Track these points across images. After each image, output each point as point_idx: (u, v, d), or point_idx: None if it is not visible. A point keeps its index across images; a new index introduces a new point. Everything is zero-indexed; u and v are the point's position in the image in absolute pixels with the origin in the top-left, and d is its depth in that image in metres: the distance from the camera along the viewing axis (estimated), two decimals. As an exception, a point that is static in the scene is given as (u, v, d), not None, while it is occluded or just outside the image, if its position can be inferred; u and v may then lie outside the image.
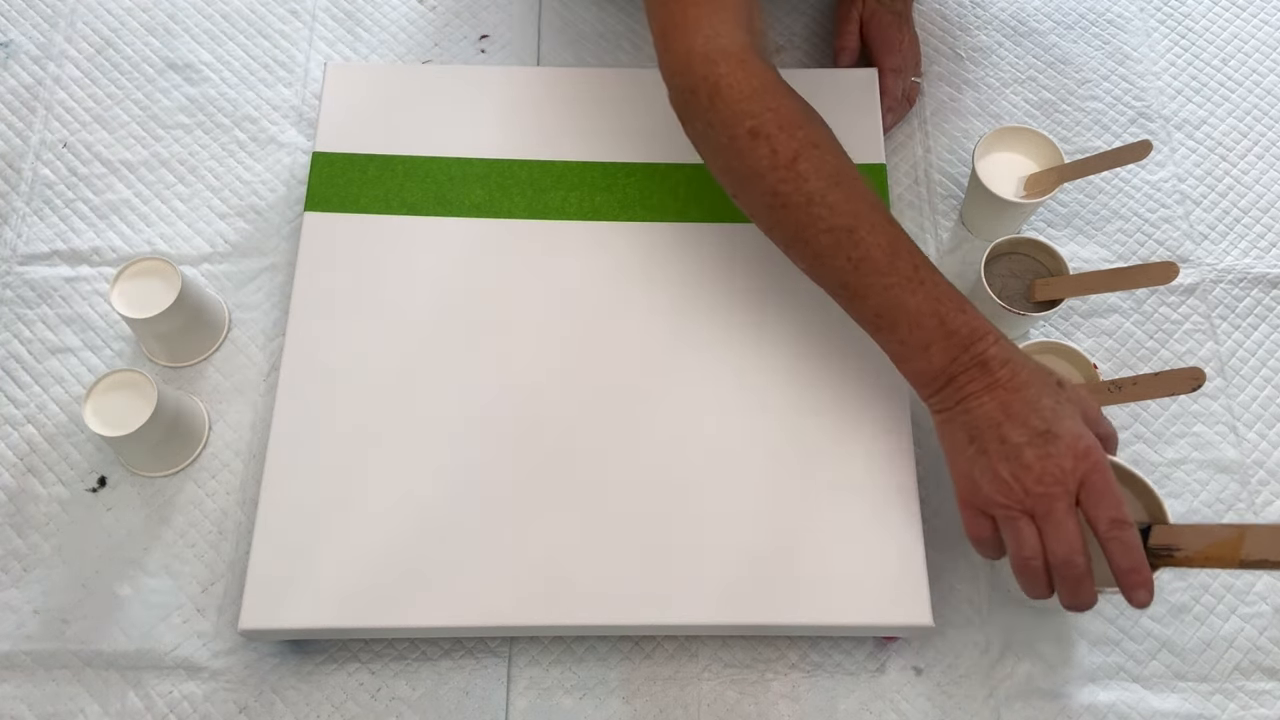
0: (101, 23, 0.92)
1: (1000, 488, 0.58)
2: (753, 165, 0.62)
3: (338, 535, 0.67)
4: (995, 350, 0.60)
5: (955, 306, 0.61)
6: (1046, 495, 0.57)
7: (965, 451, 0.60)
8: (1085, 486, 0.57)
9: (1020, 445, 0.58)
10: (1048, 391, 0.59)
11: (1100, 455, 0.58)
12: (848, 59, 0.86)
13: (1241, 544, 0.54)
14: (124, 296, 0.73)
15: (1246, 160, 0.89)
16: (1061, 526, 0.56)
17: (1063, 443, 0.57)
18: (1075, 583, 0.57)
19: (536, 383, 0.71)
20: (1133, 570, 0.56)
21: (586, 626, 0.67)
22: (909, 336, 0.61)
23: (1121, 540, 0.56)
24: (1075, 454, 0.57)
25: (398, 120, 0.80)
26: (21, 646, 0.70)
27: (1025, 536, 0.58)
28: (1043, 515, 0.57)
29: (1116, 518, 0.56)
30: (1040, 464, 0.57)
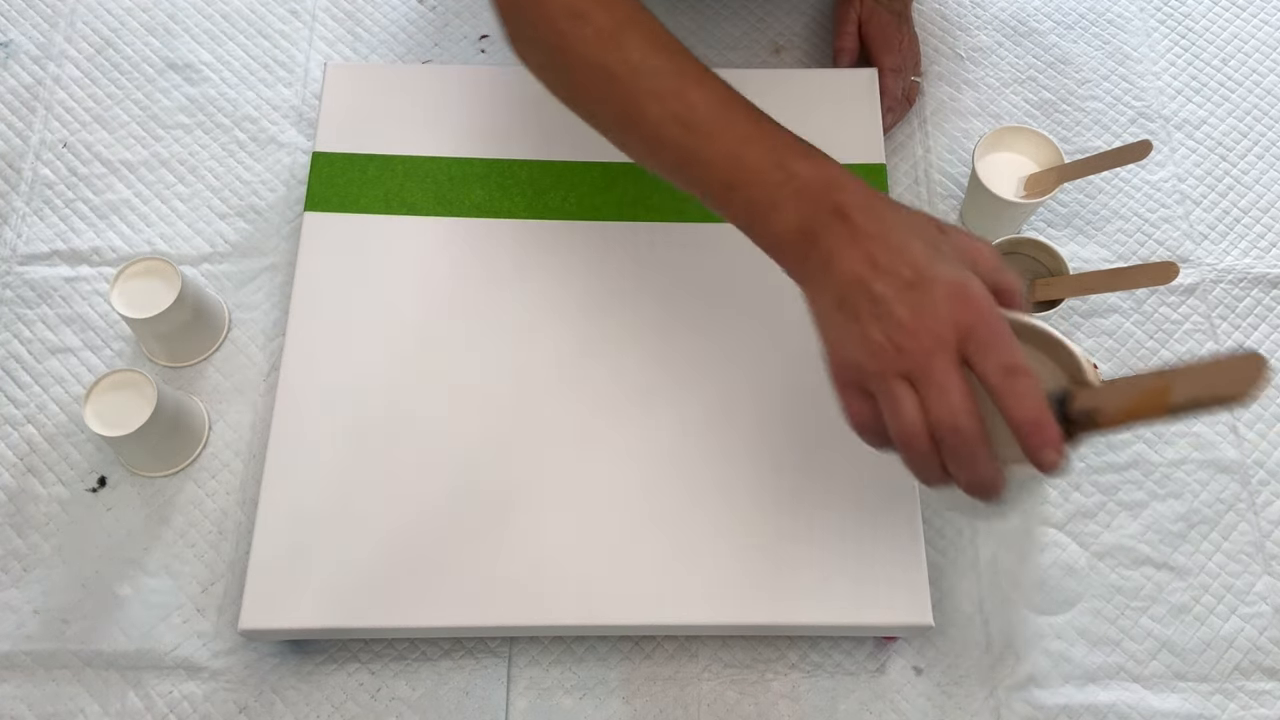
0: (101, 23, 0.92)
1: (871, 351, 0.49)
2: (577, 48, 0.58)
3: (338, 535, 0.67)
4: (854, 197, 0.52)
5: (802, 154, 0.54)
6: (922, 352, 0.48)
7: (835, 320, 0.51)
8: (969, 337, 0.48)
9: (891, 299, 0.49)
10: (921, 235, 0.51)
11: (986, 300, 0.49)
12: (847, 59, 0.86)
13: (1170, 390, 0.47)
14: (124, 296, 0.73)
15: (1246, 160, 0.89)
16: (941, 386, 0.47)
17: (938, 290, 0.48)
18: (965, 453, 0.48)
19: (536, 382, 0.71)
20: (1033, 424, 0.47)
21: (586, 626, 0.67)
22: (755, 195, 0.54)
23: (1016, 391, 0.47)
24: (953, 301, 0.48)
25: (398, 120, 0.80)
26: (21, 646, 0.70)
27: (903, 404, 0.48)
28: (920, 376, 0.48)
29: (1009, 364, 0.47)
30: (913, 318, 0.48)
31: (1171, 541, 0.75)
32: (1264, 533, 0.75)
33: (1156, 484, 0.76)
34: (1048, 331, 0.53)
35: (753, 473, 0.69)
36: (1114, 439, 0.77)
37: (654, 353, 0.72)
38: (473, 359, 0.72)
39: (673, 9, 0.93)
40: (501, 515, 0.67)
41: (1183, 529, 0.75)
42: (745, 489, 0.68)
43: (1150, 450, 0.77)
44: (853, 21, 0.86)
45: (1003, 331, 0.48)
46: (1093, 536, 0.74)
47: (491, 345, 0.72)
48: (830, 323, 0.52)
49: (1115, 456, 0.77)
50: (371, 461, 0.69)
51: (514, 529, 0.67)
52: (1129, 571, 0.74)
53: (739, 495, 0.68)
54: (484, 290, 0.74)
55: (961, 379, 0.48)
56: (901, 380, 0.49)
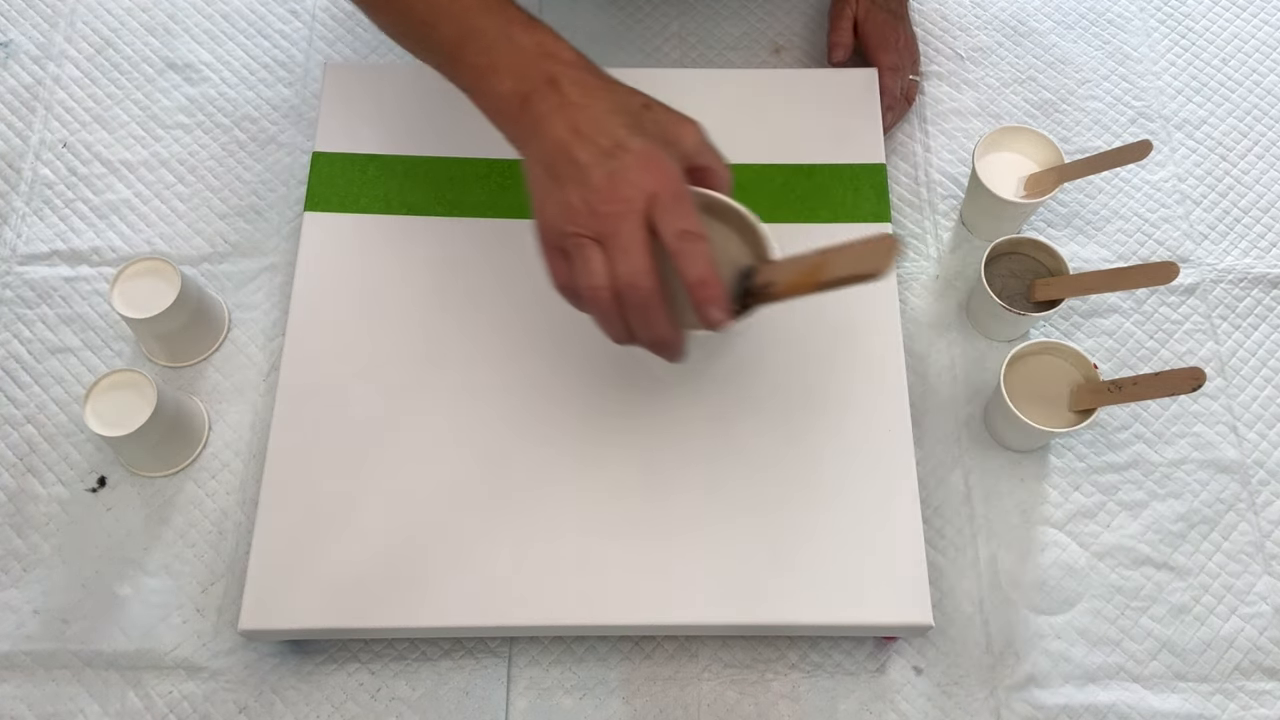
0: (101, 23, 0.92)
1: (569, 213, 0.53)
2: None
3: (338, 535, 0.67)
4: (567, 69, 0.56)
5: (525, 27, 0.57)
6: (612, 215, 0.52)
7: (542, 184, 0.55)
8: (654, 203, 0.52)
9: (588, 165, 0.53)
10: (624, 109, 0.55)
11: (673, 171, 0.53)
12: (841, 54, 0.86)
13: (824, 268, 0.53)
14: (124, 296, 0.73)
15: (1246, 160, 0.89)
16: (625, 248, 0.51)
17: (630, 158, 0.52)
18: (643, 310, 0.52)
19: (536, 382, 0.71)
20: (700, 283, 0.52)
21: (586, 626, 0.67)
22: (476, 58, 0.57)
23: (689, 252, 0.52)
24: (643, 170, 0.52)
25: (398, 120, 0.80)
26: (21, 646, 0.70)
27: (591, 263, 0.52)
28: (609, 238, 0.52)
29: (686, 229, 0.52)
30: (607, 183, 0.52)
31: (1171, 541, 0.75)
32: (1264, 533, 0.75)
33: (1156, 484, 0.76)
34: (743, 213, 0.58)
35: (753, 473, 0.69)
36: (1114, 439, 0.77)
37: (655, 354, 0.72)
38: (473, 359, 0.72)
39: (674, 9, 0.93)
40: (501, 515, 0.67)
41: (1183, 529, 0.75)
42: (745, 489, 0.68)
43: (1150, 450, 0.77)
44: (848, 17, 0.86)
45: (684, 200, 0.53)
46: (1093, 536, 0.75)
47: (491, 345, 0.72)
48: (538, 186, 0.55)
49: (1115, 456, 0.77)
50: (371, 461, 0.69)
51: (514, 529, 0.67)
52: (1129, 571, 0.74)
53: (739, 496, 0.68)
54: (484, 290, 0.74)
55: (645, 242, 0.52)
56: (592, 241, 0.53)
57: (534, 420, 0.70)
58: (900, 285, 0.81)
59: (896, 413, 0.70)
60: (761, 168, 0.78)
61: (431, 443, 0.69)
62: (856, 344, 0.72)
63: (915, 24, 0.93)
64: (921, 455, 0.76)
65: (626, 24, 0.93)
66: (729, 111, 0.80)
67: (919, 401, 0.78)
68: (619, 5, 0.94)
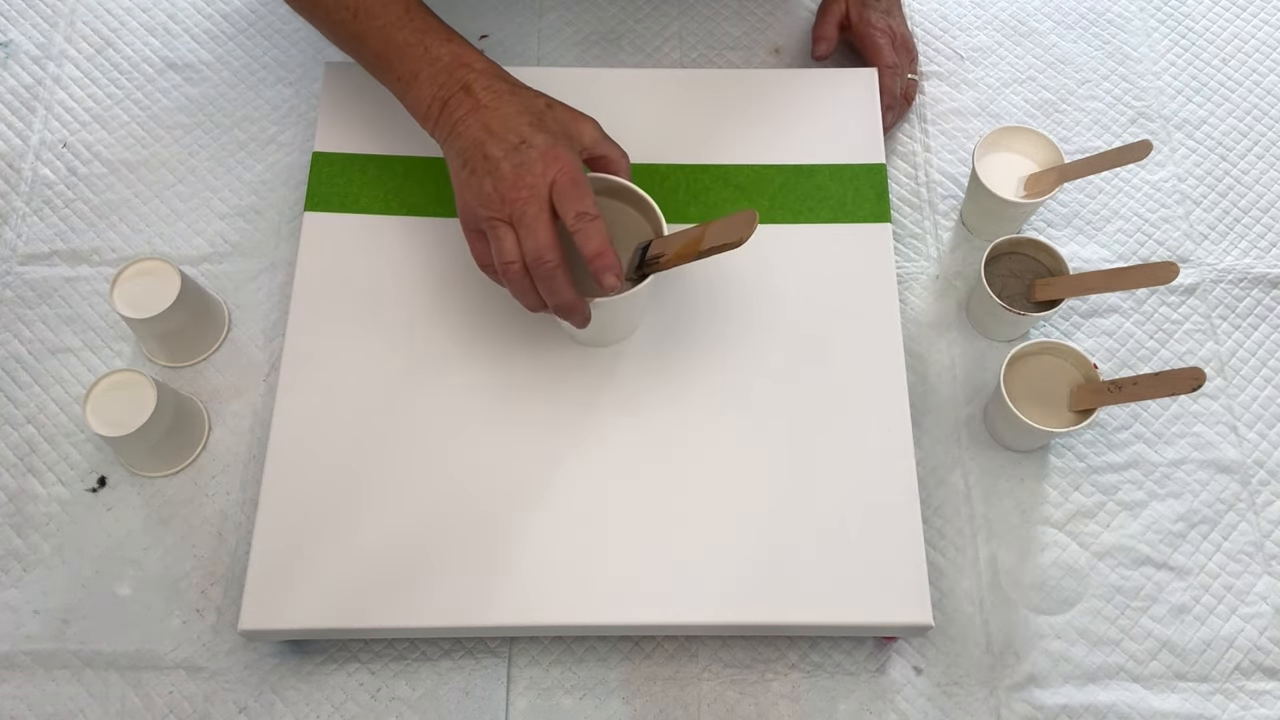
0: (101, 23, 0.92)
1: (484, 200, 0.62)
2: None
3: (338, 535, 0.67)
4: (480, 77, 0.64)
5: (443, 39, 0.66)
6: (519, 200, 0.61)
7: (461, 177, 0.64)
8: (554, 189, 0.61)
9: (499, 159, 0.62)
10: (529, 110, 0.64)
11: (571, 162, 0.62)
12: (824, 49, 0.87)
13: (702, 239, 0.61)
14: (124, 296, 0.73)
15: (1246, 160, 0.89)
16: (531, 228, 0.60)
17: (535, 152, 0.61)
18: (549, 279, 0.61)
19: (536, 382, 0.71)
20: (596, 255, 0.61)
21: (586, 626, 0.67)
22: (401, 69, 0.66)
23: (586, 230, 0.61)
24: (546, 161, 0.61)
25: (398, 120, 0.79)
26: (21, 646, 0.70)
27: (504, 242, 0.61)
28: (518, 220, 0.61)
29: (581, 211, 0.61)
30: (514, 173, 0.61)
31: (1171, 541, 0.75)
32: (1264, 533, 0.75)
33: (1156, 484, 0.76)
34: (639, 193, 0.67)
35: (753, 473, 0.69)
36: (1114, 439, 0.77)
37: (655, 353, 0.72)
38: (472, 359, 0.72)
39: (674, 9, 0.93)
40: (501, 515, 0.67)
41: (1183, 529, 0.75)
42: (745, 489, 0.68)
43: (1150, 450, 0.77)
44: (834, 14, 0.87)
45: (580, 186, 0.61)
46: (1093, 536, 0.75)
47: (491, 344, 0.72)
48: (458, 179, 0.64)
49: (1115, 456, 0.77)
50: (371, 461, 0.69)
51: (514, 529, 0.67)
52: (1129, 571, 0.74)
53: (739, 495, 0.68)
54: (483, 290, 0.74)
55: (549, 223, 0.61)
56: (505, 223, 0.62)
57: (534, 420, 0.70)
58: (900, 285, 0.81)
59: (896, 413, 0.70)
60: (761, 168, 0.78)
61: (431, 443, 0.69)
62: (856, 344, 0.72)
63: (915, 24, 0.93)
64: (921, 455, 0.76)
65: (626, 24, 0.93)
66: (729, 111, 0.81)
67: (919, 401, 0.78)
68: (619, 5, 0.94)
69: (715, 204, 0.77)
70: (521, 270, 0.62)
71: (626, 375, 0.72)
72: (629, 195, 0.68)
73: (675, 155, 0.79)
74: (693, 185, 0.78)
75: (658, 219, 0.67)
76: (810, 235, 0.76)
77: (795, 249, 0.76)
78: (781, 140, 0.79)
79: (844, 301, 0.74)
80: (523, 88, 0.66)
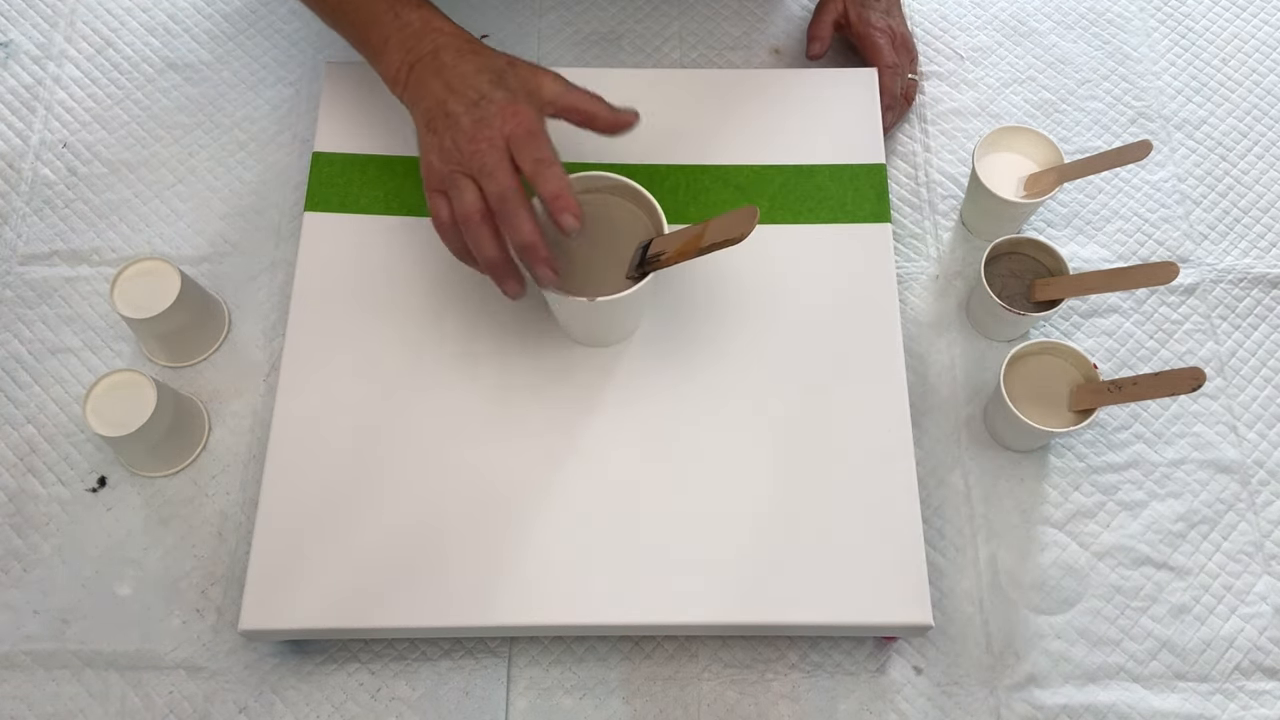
0: (101, 23, 0.92)
1: (444, 155, 0.63)
2: None
3: (338, 535, 0.67)
4: (447, 40, 0.66)
5: (414, 5, 0.68)
6: (479, 152, 0.62)
7: (424, 138, 0.65)
8: (513, 140, 0.62)
9: (459, 114, 0.63)
10: (489, 69, 0.65)
11: (529, 115, 0.63)
12: (818, 48, 0.87)
13: (703, 236, 0.62)
14: (124, 296, 0.73)
15: (1246, 160, 0.89)
16: (492, 174, 0.62)
17: (493, 107, 0.63)
18: (513, 215, 0.62)
19: (536, 382, 0.71)
20: (556, 196, 0.62)
21: (586, 626, 0.67)
22: (374, 37, 0.68)
23: (544, 174, 0.62)
24: (504, 115, 0.63)
25: (398, 120, 0.80)
26: (21, 646, 0.70)
27: (465, 192, 0.63)
28: (478, 170, 0.62)
29: (540, 158, 0.62)
30: (474, 127, 0.63)
31: (1171, 541, 0.75)
32: (1264, 533, 0.75)
33: (1156, 484, 0.76)
34: (641, 191, 0.67)
35: (753, 473, 0.69)
36: (1114, 439, 0.77)
37: (656, 353, 0.72)
38: (472, 359, 0.72)
39: (674, 9, 0.93)
40: (501, 515, 0.67)
41: (1183, 529, 0.75)
42: (745, 489, 0.68)
43: (1150, 450, 0.77)
44: (831, 13, 0.86)
45: (537, 136, 0.63)
46: (1093, 536, 0.75)
47: (491, 345, 0.72)
48: (422, 141, 0.66)
49: (1115, 456, 0.77)
50: (371, 461, 0.69)
51: (513, 529, 0.67)
52: (1129, 571, 0.74)
53: (739, 495, 0.68)
54: (483, 290, 0.74)
55: (510, 169, 0.62)
56: (465, 176, 0.63)
57: (534, 420, 0.70)
58: (900, 285, 0.81)
59: (896, 413, 0.70)
60: (761, 168, 0.78)
61: (431, 443, 0.69)
62: (856, 344, 0.72)
63: (915, 24, 0.93)
64: (921, 455, 0.76)
65: (626, 24, 0.93)
66: (729, 111, 0.81)
67: (919, 401, 0.78)
68: (619, 5, 0.94)
69: (715, 204, 0.77)
70: (481, 218, 0.63)
71: (626, 375, 0.72)
72: (631, 193, 0.68)
73: (675, 155, 0.79)
74: (693, 185, 0.78)
75: (659, 217, 0.67)
76: (810, 235, 0.76)
77: (795, 249, 0.76)
78: (781, 140, 0.79)
79: (844, 301, 0.74)
80: (487, 49, 0.67)
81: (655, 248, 0.65)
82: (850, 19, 0.86)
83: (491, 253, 0.64)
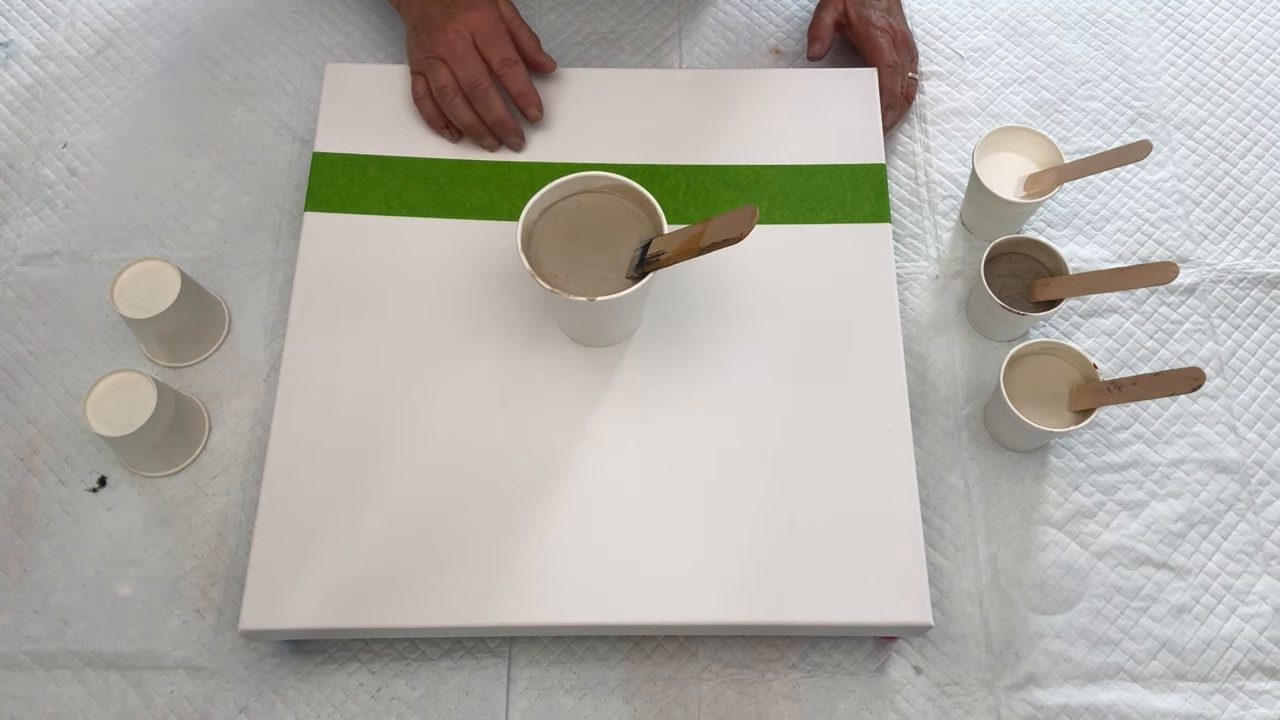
0: (101, 23, 0.92)
1: (421, 44, 0.77)
2: None
3: (338, 535, 0.67)
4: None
5: None
6: (448, 41, 0.76)
7: (410, 36, 0.79)
8: (478, 35, 0.76)
9: (435, 13, 0.77)
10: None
11: (490, 15, 0.76)
12: (819, 49, 0.86)
13: (701, 237, 0.63)
14: (124, 296, 0.73)
15: (1246, 160, 0.89)
16: (463, 60, 0.76)
17: (461, 9, 0.76)
18: (484, 98, 0.76)
19: (536, 382, 0.71)
20: (522, 93, 0.76)
21: (586, 626, 0.67)
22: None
23: (509, 74, 0.76)
24: (469, 12, 0.76)
25: (398, 120, 0.80)
26: (21, 646, 0.70)
27: (440, 73, 0.76)
28: (449, 56, 0.76)
29: (505, 57, 0.76)
30: (444, 21, 0.76)
31: (1171, 541, 0.75)
32: (1264, 533, 0.75)
33: (1156, 484, 0.76)
34: (641, 191, 0.68)
35: (753, 473, 0.69)
36: (1114, 439, 0.77)
37: (656, 353, 0.72)
38: (472, 359, 0.72)
39: (674, 9, 0.93)
40: (501, 515, 0.67)
41: (1183, 529, 0.75)
42: (745, 489, 0.68)
43: (1150, 450, 0.77)
44: (831, 13, 0.86)
45: (501, 36, 0.76)
46: (1093, 536, 0.75)
47: (491, 345, 0.72)
48: (409, 40, 0.80)
49: (1115, 456, 0.77)
50: (371, 461, 0.69)
51: (514, 529, 0.67)
52: (1129, 571, 0.74)
53: (739, 495, 0.68)
54: (483, 291, 0.74)
55: (477, 56, 0.76)
56: (439, 60, 0.77)
57: (534, 420, 0.70)
58: (900, 285, 0.81)
59: (896, 413, 0.70)
60: (761, 168, 0.78)
61: (431, 443, 0.69)
62: (856, 344, 0.72)
63: (915, 24, 0.93)
64: (921, 455, 0.76)
65: (626, 24, 0.93)
66: (729, 111, 0.81)
67: (919, 401, 0.78)
68: (619, 5, 0.94)
69: (715, 205, 0.77)
70: (454, 91, 0.76)
71: (626, 375, 0.72)
72: (631, 193, 0.69)
73: (675, 155, 0.79)
74: (693, 186, 0.78)
75: (659, 217, 0.67)
76: (810, 235, 0.76)
77: (795, 249, 0.76)
78: (781, 140, 0.79)
79: (844, 301, 0.74)
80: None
81: (655, 248, 0.65)
82: (851, 18, 0.86)
83: (468, 118, 0.76)
